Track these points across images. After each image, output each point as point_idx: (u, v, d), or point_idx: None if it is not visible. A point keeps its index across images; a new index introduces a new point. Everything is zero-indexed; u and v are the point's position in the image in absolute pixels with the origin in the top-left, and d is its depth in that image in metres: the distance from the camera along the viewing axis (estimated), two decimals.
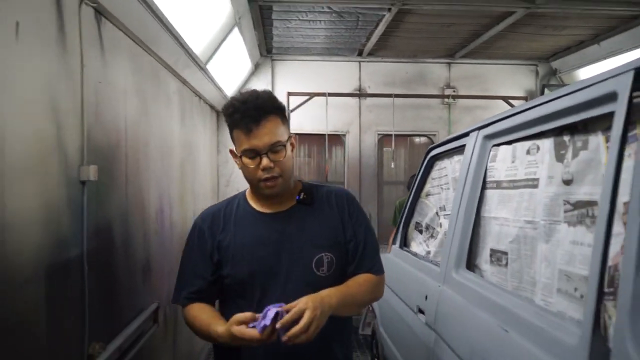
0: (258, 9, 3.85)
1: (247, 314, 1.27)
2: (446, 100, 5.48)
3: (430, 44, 4.94)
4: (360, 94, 5.44)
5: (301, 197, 1.51)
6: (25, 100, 1.46)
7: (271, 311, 1.23)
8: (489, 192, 1.73)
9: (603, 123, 1.14)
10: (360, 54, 5.31)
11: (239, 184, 5.39)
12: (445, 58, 5.46)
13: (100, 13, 1.99)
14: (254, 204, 1.53)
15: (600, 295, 0.94)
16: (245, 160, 1.41)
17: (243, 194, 1.59)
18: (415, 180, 2.68)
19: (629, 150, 0.98)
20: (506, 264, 1.56)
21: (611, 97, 1.04)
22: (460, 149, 2.09)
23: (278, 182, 1.42)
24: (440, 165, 2.44)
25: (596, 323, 0.93)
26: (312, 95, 5.15)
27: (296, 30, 4.48)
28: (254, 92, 1.44)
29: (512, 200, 1.57)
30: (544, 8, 3.73)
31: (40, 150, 1.56)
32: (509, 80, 5.58)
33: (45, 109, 1.58)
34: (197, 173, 4.04)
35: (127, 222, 2.33)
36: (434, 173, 2.51)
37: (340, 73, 5.45)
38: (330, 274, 1.42)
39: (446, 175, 2.34)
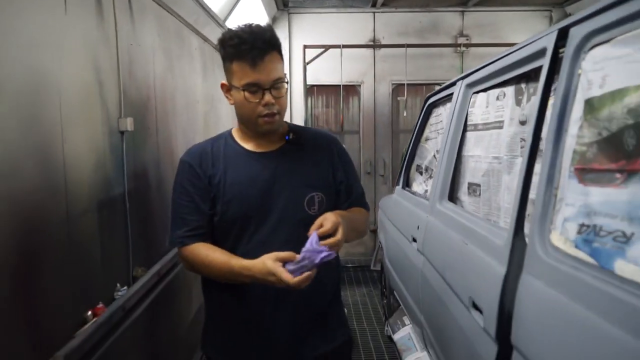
0: None
1: (288, 253, 1.27)
2: (459, 48, 5.60)
3: None
4: (374, 45, 5.60)
5: (290, 137, 1.50)
6: (74, 63, 1.76)
7: (315, 246, 1.23)
8: (469, 134, 1.99)
9: None
10: (374, 4, 5.43)
11: None
12: (459, 6, 5.55)
13: None
14: (242, 143, 1.50)
15: (522, 208, 1.22)
16: (247, 94, 1.37)
17: (228, 133, 1.55)
18: (416, 127, 2.94)
19: (552, 99, 1.23)
20: (479, 194, 1.84)
21: (543, 52, 1.28)
22: (451, 97, 2.34)
23: (276, 119, 1.41)
24: (436, 112, 2.69)
25: (518, 228, 1.22)
26: (327, 47, 5.34)
27: None
28: (259, 26, 1.39)
29: (484, 140, 1.83)
30: None
31: (88, 104, 1.88)
32: (523, 27, 5.63)
33: (89, 70, 1.89)
34: (219, 122, 4.34)
35: (159, 166, 2.67)
36: (432, 119, 2.76)
37: (355, 24, 5.60)
38: (320, 213, 1.40)
39: (441, 121, 2.59)
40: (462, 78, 2.10)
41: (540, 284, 1.10)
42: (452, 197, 2.06)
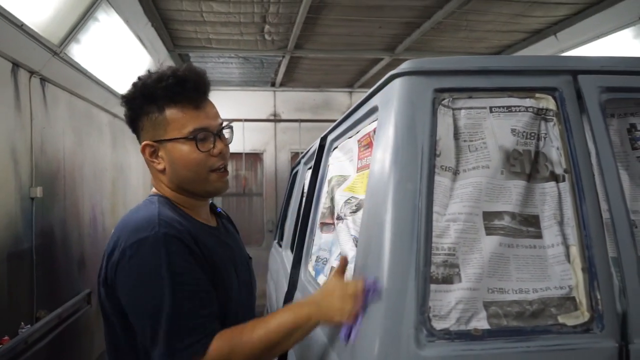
0: (177, 56, 4.74)
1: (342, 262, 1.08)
2: None
3: (329, 77, 5.95)
4: (274, 119, 6.41)
5: (221, 209, 1.34)
6: None
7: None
8: (304, 199, 2.70)
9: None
10: (273, 84, 6.27)
11: None
12: (346, 88, 6.51)
13: (44, 80, 2.86)
14: (193, 215, 1.16)
15: (300, 247, 1.90)
16: (197, 143, 1.09)
17: (164, 202, 1.12)
18: (287, 191, 3.65)
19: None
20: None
21: (315, 150, 2.01)
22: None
23: (228, 174, 1.17)
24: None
25: (296, 261, 1.89)
26: (230, 121, 6.01)
27: (214, 69, 5.39)
28: (189, 65, 1.18)
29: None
30: (402, 56, 4.79)
31: (3, 178, 2.42)
32: None
33: (7, 151, 2.44)
34: (128, 188, 4.86)
35: (65, 226, 3.18)
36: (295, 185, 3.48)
37: (258, 100, 6.40)
38: None
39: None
40: (302, 157, 2.83)
41: (300, 295, 1.76)
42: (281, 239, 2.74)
